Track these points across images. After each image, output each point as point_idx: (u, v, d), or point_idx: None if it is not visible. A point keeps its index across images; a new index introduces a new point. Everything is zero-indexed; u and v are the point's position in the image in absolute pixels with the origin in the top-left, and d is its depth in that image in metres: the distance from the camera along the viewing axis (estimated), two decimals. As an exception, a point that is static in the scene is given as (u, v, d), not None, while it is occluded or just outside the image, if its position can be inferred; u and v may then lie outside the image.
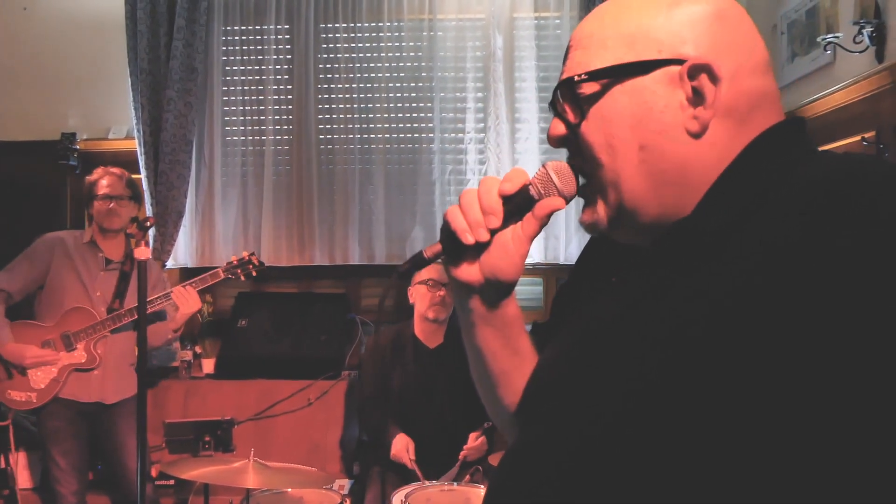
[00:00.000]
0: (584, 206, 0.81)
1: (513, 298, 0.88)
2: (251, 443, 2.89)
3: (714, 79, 0.73)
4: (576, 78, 0.76)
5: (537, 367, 0.87)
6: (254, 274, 3.30)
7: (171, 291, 3.14)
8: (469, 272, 0.84)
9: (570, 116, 0.78)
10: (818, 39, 3.04)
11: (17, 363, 3.01)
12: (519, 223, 0.82)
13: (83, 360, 3.08)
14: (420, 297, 3.18)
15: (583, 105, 0.76)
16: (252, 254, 3.33)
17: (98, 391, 3.10)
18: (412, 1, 3.99)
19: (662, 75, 0.74)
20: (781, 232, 0.64)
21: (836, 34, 2.93)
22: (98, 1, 4.07)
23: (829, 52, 3.03)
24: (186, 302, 3.13)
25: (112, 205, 3.10)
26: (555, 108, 0.80)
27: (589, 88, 0.76)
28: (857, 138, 2.83)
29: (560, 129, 0.79)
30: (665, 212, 0.75)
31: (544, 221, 0.81)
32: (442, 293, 3.13)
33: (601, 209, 0.78)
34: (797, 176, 0.68)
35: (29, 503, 3.53)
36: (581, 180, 0.82)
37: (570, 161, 0.81)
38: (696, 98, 0.74)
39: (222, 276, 3.24)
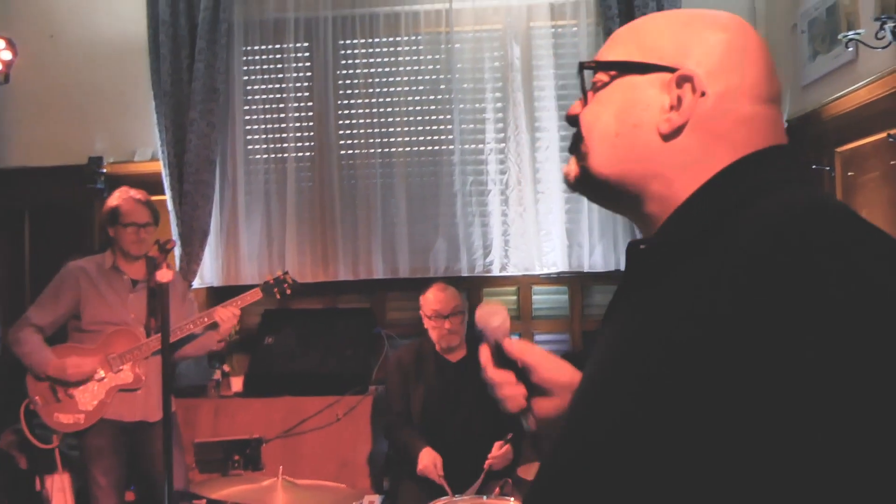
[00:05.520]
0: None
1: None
2: (280, 460, 2.90)
3: (695, 90, 0.79)
4: (586, 64, 0.88)
5: None
6: (288, 292, 3.38)
7: (214, 313, 3.20)
8: (551, 407, 0.97)
9: (583, 97, 0.88)
10: (839, 37, 3.00)
11: (60, 377, 3.04)
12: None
13: (130, 381, 3.12)
14: (430, 328, 3.21)
15: (589, 89, 0.87)
16: (286, 272, 3.41)
17: (142, 410, 3.14)
18: (429, 15, 4.01)
19: (656, 79, 0.81)
20: (718, 277, 0.66)
21: (858, 31, 2.89)
22: (121, 26, 4.15)
23: (850, 49, 2.99)
24: (228, 318, 3.20)
25: (141, 233, 3.15)
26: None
27: (599, 78, 0.86)
28: (883, 135, 2.79)
29: (577, 108, 0.89)
30: (628, 192, 0.84)
31: (515, 341, 0.98)
32: (448, 325, 3.14)
33: (572, 166, 0.89)
34: (753, 213, 0.71)
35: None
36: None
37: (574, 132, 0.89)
38: (678, 105, 0.80)
39: (260, 295, 3.31)
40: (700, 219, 0.76)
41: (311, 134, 4.07)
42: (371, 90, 4.04)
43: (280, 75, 4.08)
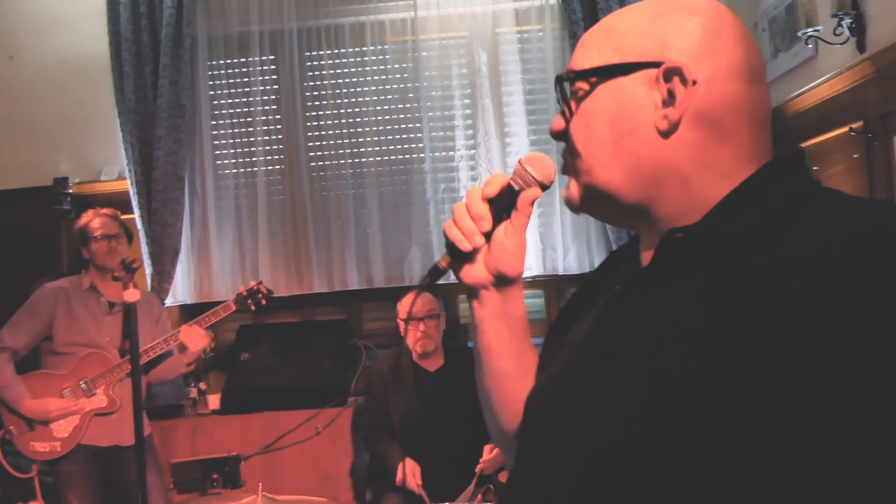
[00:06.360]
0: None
1: (520, 296, 0.95)
2: (260, 477, 2.87)
3: (684, 81, 0.76)
4: (564, 76, 0.83)
5: (533, 388, 0.88)
6: (263, 303, 3.30)
7: (179, 332, 3.13)
8: (476, 274, 0.92)
9: (566, 111, 0.84)
10: (799, 34, 3.05)
11: (42, 419, 3.00)
12: (509, 220, 0.90)
13: (104, 405, 3.08)
14: (406, 332, 3.20)
15: (572, 101, 0.83)
16: (259, 282, 3.34)
17: (117, 434, 3.09)
18: (394, 24, 4.01)
19: (642, 77, 0.78)
20: (804, 272, 0.64)
21: (817, 28, 2.95)
22: (83, 45, 4.10)
23: (810, 45, 3.04)
24: (195, 340, 3.12)
25: (112, 244, 3.11)
26: (560, 104, 0.87)
27: (579, 87, 0.82)
28: (846, 129, 2.84)
29: (560, 123, 0.85)
30: (641, 199, 0.80)
31: (529, 211, 0.89)
32: (422, 328, 3.13)
33: (573, 188, 0.84)
34: (818, 213, 0.70)
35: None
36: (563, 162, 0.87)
37: (564, 151, 0.85)
38: (671, 99, 0.77)
39: (233, 307, 3.24)
40: (755, 212, 0.72)
41: (280, 147, 4.05)
42: (339, 101, 4.03)
43: (246, 89, 4.05)
